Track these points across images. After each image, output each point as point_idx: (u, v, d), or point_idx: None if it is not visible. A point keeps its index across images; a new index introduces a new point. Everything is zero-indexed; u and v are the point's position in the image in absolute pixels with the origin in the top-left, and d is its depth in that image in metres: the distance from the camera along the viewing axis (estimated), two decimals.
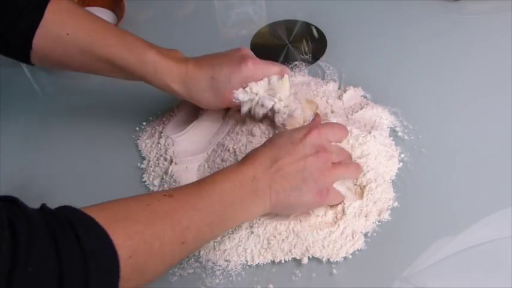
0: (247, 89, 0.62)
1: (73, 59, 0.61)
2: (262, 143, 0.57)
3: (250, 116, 0.64)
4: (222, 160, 0.63)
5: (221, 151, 0.64)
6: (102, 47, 0.60)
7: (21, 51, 0.60)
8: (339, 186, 0.58)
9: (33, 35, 0.58)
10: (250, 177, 0.52)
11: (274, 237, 0.56)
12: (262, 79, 0.62)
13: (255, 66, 0.61)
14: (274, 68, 0.62)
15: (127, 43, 0.61)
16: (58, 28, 0.59)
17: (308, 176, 0.53)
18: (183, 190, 0.51)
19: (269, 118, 0.64)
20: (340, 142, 0.59)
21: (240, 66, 0.61)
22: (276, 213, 0.57)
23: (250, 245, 0.56)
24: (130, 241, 0.42)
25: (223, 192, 0.51)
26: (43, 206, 0.42)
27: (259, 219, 0.57)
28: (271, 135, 0.62)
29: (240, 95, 0.62)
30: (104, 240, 0.40)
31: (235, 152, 0.62)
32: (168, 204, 0.48)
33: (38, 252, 0.36)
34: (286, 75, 0.62)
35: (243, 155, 0.57)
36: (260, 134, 0.63)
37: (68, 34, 0.59)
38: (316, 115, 0.62)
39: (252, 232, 0.56)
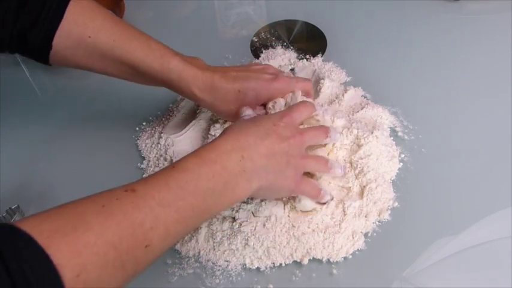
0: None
1: (94, 62, 0.60)
2: None
3: None
4: None
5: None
6: (125, 51, 0.59)
7: (40, 51, 0.58)
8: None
9: (53, 36, 0.57)
10: (237, 157, 0.48)
11: (274, 248, 0.56)
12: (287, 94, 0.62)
13: (286, 84, 0.61)
14: (298, 84, 0.62)
15: (150, 49, 0.59)
16: (79, 30, 0.58)
17: (290, 160, 0.52)
18: (149, 182, 0.44)
19: None
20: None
21: (272, 83, 0.60)
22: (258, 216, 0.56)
23: (247, 253, 0.56)
24: (77, 258, 0.36)
25: (198, 180, 0.45)
26: None
27: (253, 234, 0.56)
28: None
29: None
30: (41, 263, 0.35)
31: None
32: (129, 203, 0.41)
33: None
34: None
35: None
36: None
37: (89, 37, 0.58)
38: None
39: (247, 245, 0.56)
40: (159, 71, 0.60)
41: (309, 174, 0.58)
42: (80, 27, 0.58)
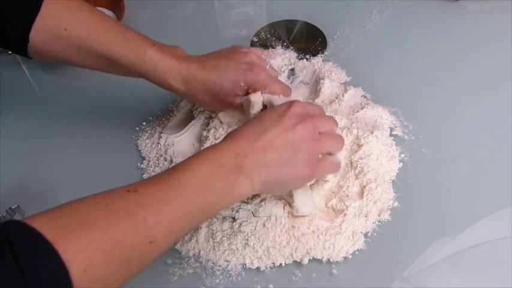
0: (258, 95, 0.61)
1: (71, 54, 0.60)
2: None
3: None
4: None
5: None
6: (101, 43, 0.59)
7: (18, 44, 0.58)
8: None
9: (29, 29, 0.57)
10: (232, 154, 0.48)
11: (274, 247, 0.56)
12: (263, 89, 0.60)
13: (261, 77, 0.60)
14: (276, 85, 0.61)
15: (127, 40, 0.59)
16: (55, 23, 0.57)
17: (299, 146, 0.51)
18: (150, 182, 0.46)
19: None
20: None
21: (246, 73, 0.59)
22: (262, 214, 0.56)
23: (247, 253, 0.56)
24: (84, 253, 0.37)
25: (198, 178, 0.46)
26: None
27: (253, 234, 0.56)
28: None
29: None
30: (50, 258, 0.36)
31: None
32: (132, 201, 0.42)
33: None
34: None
35: None
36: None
37: (65, 29, 0.58)
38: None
39: (247, 245, 0.56)
40: (135, 62, 0.59)
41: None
42: (56, 20, 0.58)
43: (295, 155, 0.50)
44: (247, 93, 0.61)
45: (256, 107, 0.60)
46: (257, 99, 0.59)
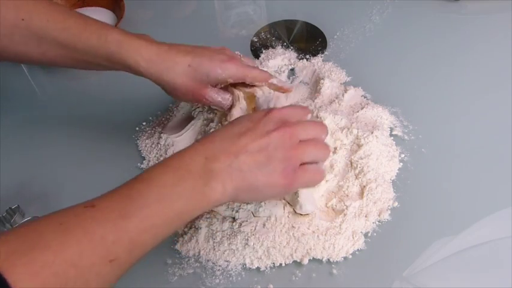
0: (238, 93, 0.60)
1: (31, 48, 0.57)
2: None
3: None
4: None
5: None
6: (60, 30, 0.56)
7: None
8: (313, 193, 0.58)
9: None
10: (200, 159, 0.45)
11: (274, 248, 0.56)
12: (241, 80, 0.59)
13: (239, 67, 0.58)
14: (253, 71, 0.59)
15: (87, 24, 0.57)
16: (12, 14, 0.55)
17: (273, 154, 0.47)
18: (109, 196, 0.43)
19: None
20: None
21: (226, 64, 0.57)
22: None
23: (247, 253, 0.56)
24: (36, 279, 0.35)
25: (162, 187, 0.43)
26: None
27: (253, 234, 0.56)
28: None
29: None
30: None
31: None
32: (88, 218, 0.40)
33: None
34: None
35: None
36: None
37: (23, 19, 0.55)
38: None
39: (247, 245, 0.56)
40: (97, 45, 0.56)
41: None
42: (12, 10, 0.56)
43: (270, 163, 0.47)
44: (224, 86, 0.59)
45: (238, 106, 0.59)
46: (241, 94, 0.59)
